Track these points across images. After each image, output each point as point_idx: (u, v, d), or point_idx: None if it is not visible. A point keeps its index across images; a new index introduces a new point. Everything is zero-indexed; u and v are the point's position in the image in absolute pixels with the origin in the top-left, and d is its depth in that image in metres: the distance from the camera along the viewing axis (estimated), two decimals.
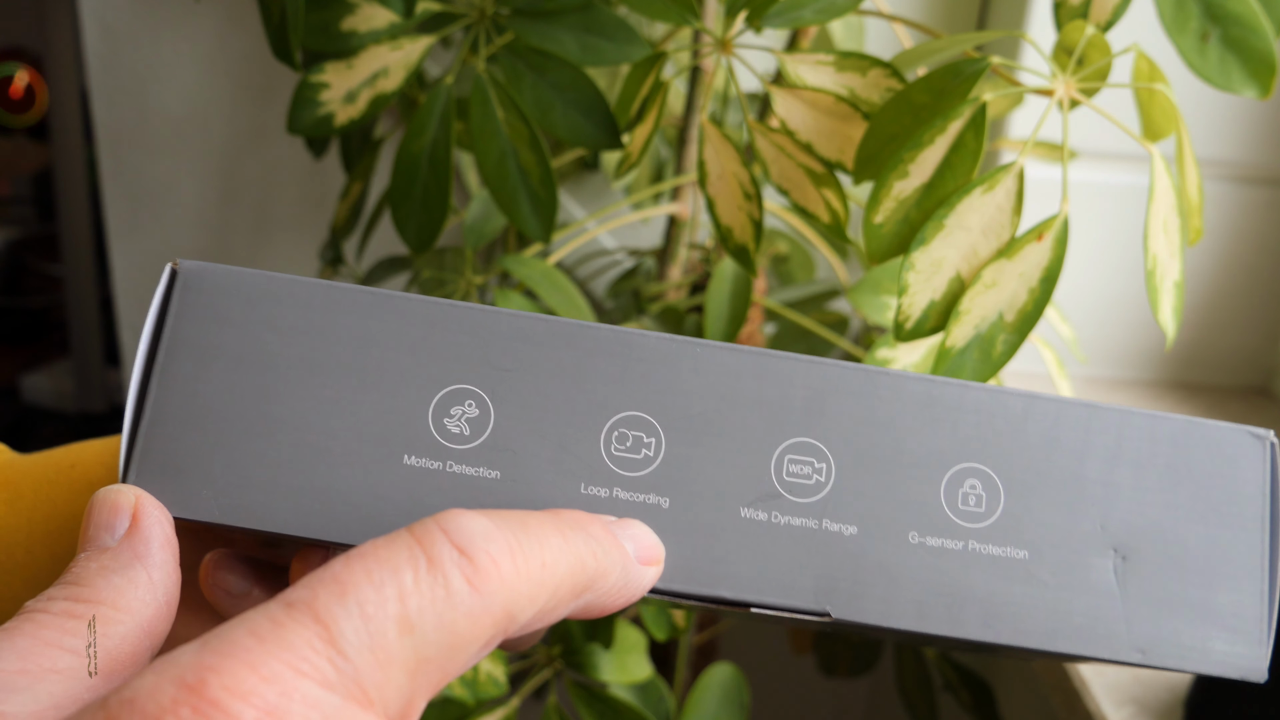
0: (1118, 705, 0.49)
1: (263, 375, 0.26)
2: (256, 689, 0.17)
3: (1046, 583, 0.26)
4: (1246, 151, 0.71)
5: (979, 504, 0.26)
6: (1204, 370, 0.78)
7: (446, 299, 0.27)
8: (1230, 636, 0.25)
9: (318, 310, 0.26)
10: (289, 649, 0.18)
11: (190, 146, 0.88)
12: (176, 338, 0.26)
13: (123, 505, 0.24)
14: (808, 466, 0.26)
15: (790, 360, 0.26)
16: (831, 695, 0.97)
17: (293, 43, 0.45)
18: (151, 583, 0.23)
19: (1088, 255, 0.73)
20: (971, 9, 0.74)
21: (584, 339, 0.26)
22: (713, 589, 0.25)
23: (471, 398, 0.26)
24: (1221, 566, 0.26)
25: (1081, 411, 0.26)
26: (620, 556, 0.24)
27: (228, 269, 0.26)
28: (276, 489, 0.25)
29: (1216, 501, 0.26)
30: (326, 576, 0.19)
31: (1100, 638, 0.25)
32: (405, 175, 0.48)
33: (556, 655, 0.52)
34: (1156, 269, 0.37)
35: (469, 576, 0.20)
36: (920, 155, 0.37)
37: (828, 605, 0.25)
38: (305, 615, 0.19)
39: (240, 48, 0.85)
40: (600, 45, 0.45)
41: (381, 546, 0.20)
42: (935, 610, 0.25)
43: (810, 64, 0.41)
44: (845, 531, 0.26)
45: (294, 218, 0.90)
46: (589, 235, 0.63)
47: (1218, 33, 0.37)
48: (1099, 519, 0.26)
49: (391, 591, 0.19)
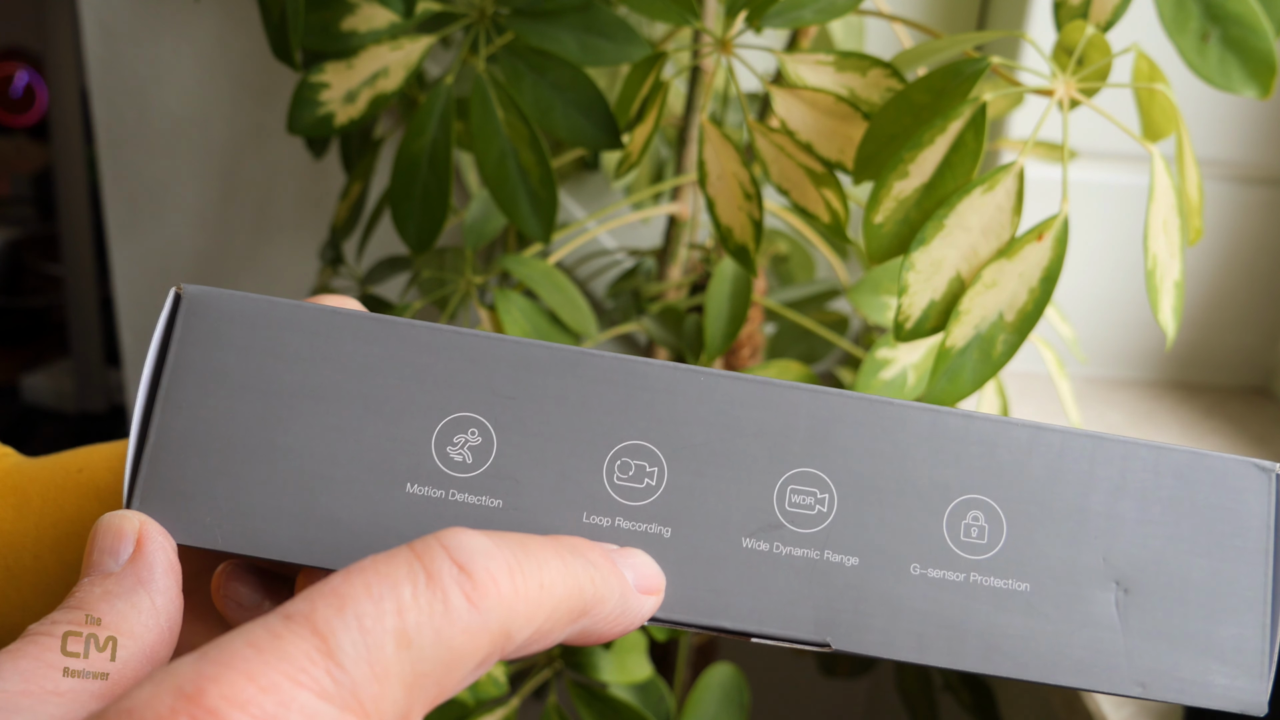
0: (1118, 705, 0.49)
1: (266, 402, 0.26)
2: (254, 698, 0.18)
3: (1048, 615, 0.26)
4: (1246, 151, 0.71)
5: (981, 535, 0.26)
6: (1204, 370, 0.78)
7: (450, 326, 0.27)
8: (1231, 670, 0.25)
9: (321, 337, 0.26)
10: (287, 660, 0.18)
11: (190, 146, 0.88)
12: (181, 363, 0.26)
13: (127, 531, 0.24)
14: (810, 497, 0.26)
15: (794, 390, 0.26)
16: (831, 695, 0.97)
17: (293, 43, 0.45)
18: (155, 608, 0.23)
19: (1088, 255, 0.73)
20: (971, 9, 0.74)
21: (588, 367, 0.26)
22: (713, 619, 0.26)
23: (475, 425, 0.26)
24: (1223, 599, 0.26)
25: (1086, 443, 0.26)
26: (619, 584, 0.24)
27: (231, 294, 0.27)
28: (279, 516, 0.26)
29: (1220, 534, 0.26)
30: (326, 590, 0.19)
31: (1101, 671, 0.25)
32: (405, 175, 0.48)
33: (556, 655, 0.52)
34: (1156, 269, 0.37)
35: (468, 593, 0.20)
36: (920, 155, 0.37)
37: (828, 636, 0.26)
38: (303, 627, 0.19)
39: (240, 48, 0.85)
40: (600, 45, 0.45)
41: (382, 561, 0.20)
42: (936, 642, 0.25)
43: (810, 64, 0.41)
44: (847, 563, 0.26)
45: (294, 218, 0.90)
46: (589, 235, 0.63)
47: (1218, 33, 0.37)
48: (1102, 551, 0.26)
49: (390, 605, 0.19)
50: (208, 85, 0.86)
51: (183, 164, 0.89)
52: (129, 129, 0.88)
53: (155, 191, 0.90)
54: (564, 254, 0.61)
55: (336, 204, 0.72)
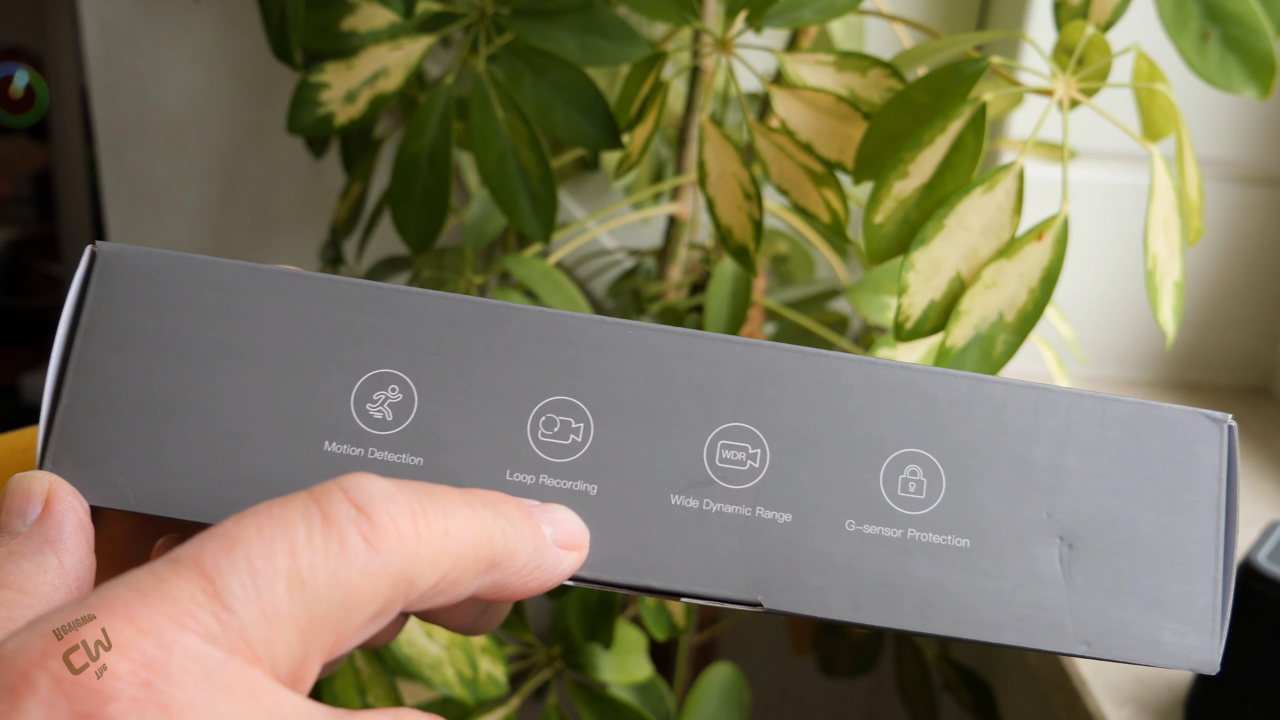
0: (1118, 705, 0.49)
1: (182, 360, 0.25)
2: (132, 640, 0.17)
3: (988, 572, 0.25)
4: (1246, 151, 0.71)
5: (919, 490, 0.25)
6: (1204, 370, 0.78)
7: (370, 280, 0.26)
8: (1181, 627, 0.25)
9: (239, 293, 0.26)
10: (170, 602, 0.18)
11: (190, 146, 0.88)
12: (95, 322, 0.26)
13: (35, 491, 0.24)
14: (741, 452, 0.25)
15: (724, 342, 0.26)
16: (831, 695, 0.97)
17: (293, 43, 0.45)
18: (62, 568, 0.23)
19: (1088, 255, 0.73)
20: (971, 9, 0.74)
21: (512, 321, 0.26)
22: (641, 578, 0.25)
23: (395, 382, 0.26)
24: (1173, 555, 0.25)
25: (1029, 394, 0.25)
26: (534, 537, 0.23)
27: (148, 251, 0.26)
28: (195, 476, 0.25)
29: (1169, 487, 0.25)
30: (217, 533, 0.19)
31: (1044, 629, 0.25)
32: (405, 175, 0.48)
33: (556, 655, 0.52)
34: (1156, 269, 0.37)
35: (366, 534, 0.20)
36: (920, 155, 0.37)
37: (759, 595, 0.25)
38: (190, 570, 0.18)
39: (240, 48, 0.85)
40: (600, 45, 0.45)
41: (277, 505, 0.20)
42: (871, 601, 0.25)
43: (810, 64, 0.41)
44: (779, 519, 0.25)
45: (294, 218, 0.90)
46: (589, 235, 0.63)
47: (1218, 33, 0.37)
48: (1045, 506, 0.25)
49: (282, 546, 0.19)
50: (208, 85, 0.86)
51: (183, 164, 0.89)
52: (129, 129, 0.88)
53: (155, 191, 0.90)
54: (564, 254, 0.61)
55: (336, 204, 0.72)
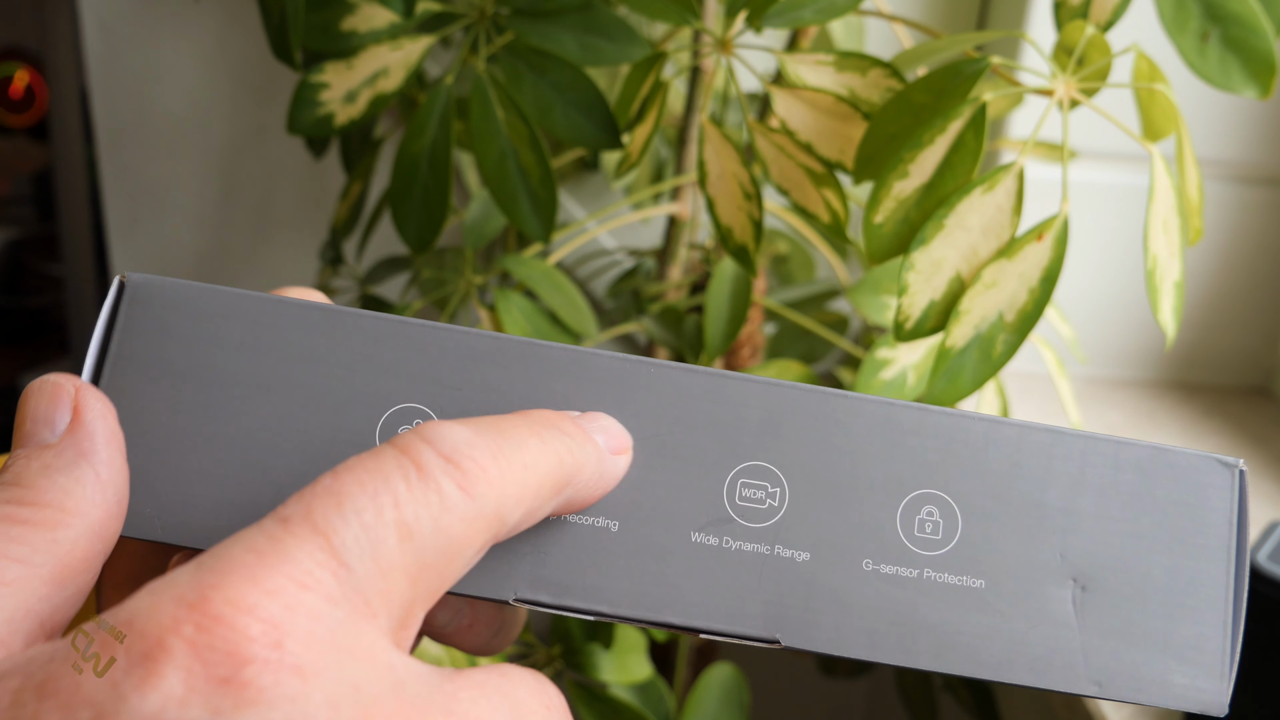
0: (1118, 705, 0.49)
1: (208, 392, 0.26)
2: (260, 603, 0.17)
3: (1003, 613, 0.25)
4: (1246, 151, 0.71)
5: (935, 531, 0.25)
6: (1204, 370, 0.78)
7: (396, 315, 0.26)
8: (1191, 670, 0.25)
9: (265, 326, 0.26)
10: (291, 562, 0.18)
11: (190, 146, 0.88)
12: (123, 352, 0.26)
13: (63, 396, 0.22)
14: (761, 491, 0.26)
15: (745, 382, 0.26)
16: (831, 695, 0.97)
17: (293, 43, 0.45)
18: (100, 481, 0.21)
19: (1088, 255, 0.73)
20: (971, 9, 0.74)
21: (535, 357, 0.26)
22: (660, 615, 0.25)
23: (419, 416, 0.26)
24: (1184, 597, 0.25)
25: (1044, 437, 0.26)
26: (594, 449, 0.24)
27: (176, 283, 0.26)
28: (221, 508, 0.25)
29: (1181, 530, 0.25)
30: (319, 489, 0.19)
31: (1057, 669, 0.25)
32: (405, 175, 0.48)
33: (557, 655, 0.52)
34: (1156, 269, 0.37)
35: (459, 482, 0.20)
36: (920, 155, 0.37)
37: (777, 633, 0.25)
38: (303, 528, 0.18)
39: (240, 48, 0.85)
40: (600, 45, 0.45)
41: (368, 458, 0.19)
42: (887, 640, 0.25)
43: (810, 64, 0.41)
44: (797, 558, 0.25)
45: (294, 218, 0.90)
46: (589, 235, 0.63)
47: (1218, 33, 0.37)
48: (1059, 548, 0.25)
49: (388, 499, 0.19)
50: (208, 85, 0.86)
51: (183, 164, 0.89)
52: (129, 129, 0.88)
53: (155, 191, 0.90)
54: (564, 254, 0.61)
55: (336, 204, 0.72)
